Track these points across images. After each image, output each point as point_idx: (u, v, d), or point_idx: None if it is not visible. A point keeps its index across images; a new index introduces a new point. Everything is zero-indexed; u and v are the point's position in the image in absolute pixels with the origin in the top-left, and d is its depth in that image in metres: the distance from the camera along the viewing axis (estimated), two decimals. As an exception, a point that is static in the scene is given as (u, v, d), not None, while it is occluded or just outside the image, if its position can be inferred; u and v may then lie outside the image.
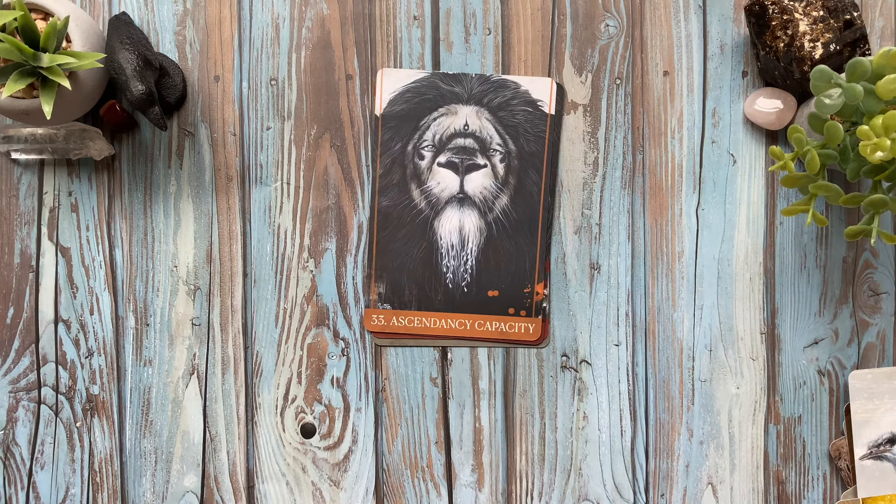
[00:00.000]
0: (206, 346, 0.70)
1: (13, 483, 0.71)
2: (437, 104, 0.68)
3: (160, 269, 0.70)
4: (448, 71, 0.69)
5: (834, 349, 0.69)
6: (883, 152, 0.52)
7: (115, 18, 0.64)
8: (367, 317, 0.68)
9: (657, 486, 0.69)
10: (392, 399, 0.70)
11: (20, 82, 0.56)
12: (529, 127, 0.68)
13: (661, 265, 0.69)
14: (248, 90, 0.69)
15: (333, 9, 0.69)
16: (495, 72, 0.69)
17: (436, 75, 0.68)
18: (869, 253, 0.68)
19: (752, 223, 0.69)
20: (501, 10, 0.69)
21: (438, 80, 0.68)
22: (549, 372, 0.69)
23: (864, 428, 0.66)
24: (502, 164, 0.68)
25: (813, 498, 0.69)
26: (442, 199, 0.68)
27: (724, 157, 0.68)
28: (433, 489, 0.70)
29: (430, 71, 0.68)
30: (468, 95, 0.68)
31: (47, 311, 0.70)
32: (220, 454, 0.70)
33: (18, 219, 0.70)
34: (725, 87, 0.68)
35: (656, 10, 0.68)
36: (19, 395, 0.70)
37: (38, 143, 0.68)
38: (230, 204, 0.69)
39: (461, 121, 0.68)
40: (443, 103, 0.68)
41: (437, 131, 0.68)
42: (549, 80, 0.68)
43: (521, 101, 0.68)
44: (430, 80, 0.68)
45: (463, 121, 0.68)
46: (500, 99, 0.68)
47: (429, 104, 0.68)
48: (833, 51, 0.62)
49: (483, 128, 0.68)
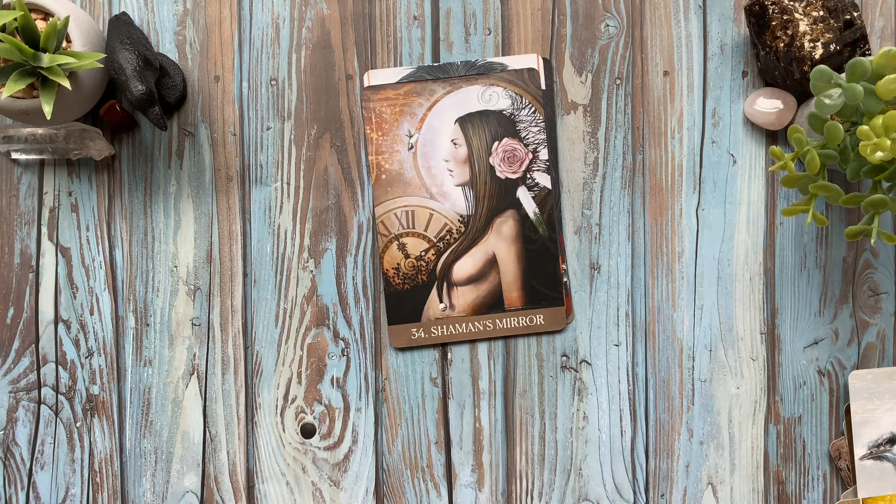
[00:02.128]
0: (206, 346, 0.70)
1: (13, 483, 0.71)
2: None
3: (160, 269, 0.70)
4: (448, 71, 0.69)
5: (834, 349, 0.69)
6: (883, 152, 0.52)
7: (115, 18, 0.64)
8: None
9: (657, 486, 0.69)
10: (392, 399, 0.70)
11: (20, 82, 0.56)
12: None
13: (661, 265, 0.69)
14: (248, 90, 0.69)
15: (333, 9, 0.69)
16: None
17: (421, 69, 0.68)
18: (869, 253, 0.68)
19: (752, 223, 0.69)
20: (501, 10, 0.69)
21: (424, 73, 0.68)
22: (549, 372, 0.69)
23: (864, 428, 0.66)
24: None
25: (813, 498, 0.69)
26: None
27: (724, 157, 0.68)
28: (433, 489, 0.70)
29: (415, 66, 0.68)
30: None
31: (47, 311, 0.70)
32: (220, 454, 0.70)
33: (18, 219, 0.70)
34: (725, 87, 0.68)
35: (656, 10, 0.68)
36: (19, 395, 0.70)
37: (38, 143, 0.68)
38: (230, 204, 0.69)
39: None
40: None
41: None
42: (534, 55, 0.68)
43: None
44: (416, 73, 0.68)
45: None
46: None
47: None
48: (833, 51, 0.62)
49: None
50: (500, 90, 0.68)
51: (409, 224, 0.69)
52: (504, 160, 0.68)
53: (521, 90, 0.68)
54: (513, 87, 0.68)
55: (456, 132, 0.68)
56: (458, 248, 0.69)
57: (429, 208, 0.69)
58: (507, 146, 0.68)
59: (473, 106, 0.68)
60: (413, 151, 0.69)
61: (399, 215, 0.69)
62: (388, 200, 0.69)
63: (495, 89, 0.68)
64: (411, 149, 0.69)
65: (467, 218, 0.69)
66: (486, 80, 0.68)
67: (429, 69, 0.68)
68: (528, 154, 0.68)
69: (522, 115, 0.68)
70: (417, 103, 0.68)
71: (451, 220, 0.69)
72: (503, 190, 0.69)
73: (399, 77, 0.68)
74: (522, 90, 0.68)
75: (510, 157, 0.68)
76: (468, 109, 0.68)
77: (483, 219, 0.69)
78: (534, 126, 0.68)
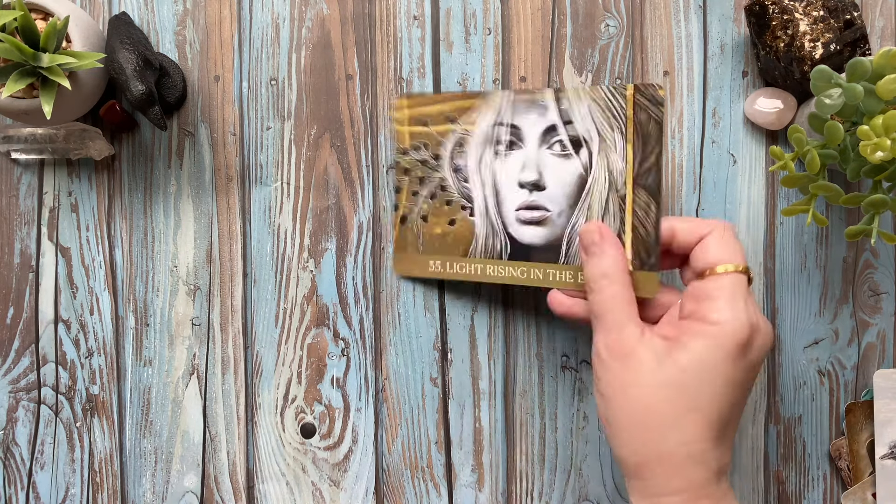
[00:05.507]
0: (206, 346, 0.70)
1: (13, 483, 0.71)
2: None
3: (160, 269, 0.70)
4: (448, 71, 0.69)
5: (834, 349, 0.69)
6: (883, 152, 0.52)
7: (115, 18, 0.64)
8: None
9: (657, 487, 0.69)
10: (392, 399, 0.70)
11: (20, 82, 0.56)
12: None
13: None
14: (248, 90, 0.69)
15: (333, 9, 0.69)
16: (495, 71, 0.69)
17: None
18: (869, 253, 0.68)
19: (752, 223, 0.69)
20: (501, 10, 0.69)
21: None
22: (549, 372, 0.69)
23: (886, 427, 0.66)
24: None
25: (813, 498, 0.69)
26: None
27: (724, 157, 0.68)
28: (433, 489, 0.70)
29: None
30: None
31: (47, 311, 0.70)
32: (220, 454, 0.70)
33: (18, 219, 0.70)
34: (725, 87, 0.68)
35: (656, 10, 0.68)
36: (19, 395, 0.70)
37: (38, 143, 0.68)
38: (230, 204, 0.69)
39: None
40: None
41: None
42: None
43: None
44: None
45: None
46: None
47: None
48: (833, 51, 0.62)
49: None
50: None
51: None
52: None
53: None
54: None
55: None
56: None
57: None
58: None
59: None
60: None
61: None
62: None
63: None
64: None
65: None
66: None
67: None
68: None
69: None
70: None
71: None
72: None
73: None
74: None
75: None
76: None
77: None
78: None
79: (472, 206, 0.64)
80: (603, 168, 0.59)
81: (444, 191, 0.66)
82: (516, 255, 0.63)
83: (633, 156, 0.58)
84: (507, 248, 0.63)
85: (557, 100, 0.61)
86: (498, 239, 0.64)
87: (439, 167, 0.66)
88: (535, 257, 0.62)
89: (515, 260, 0.63)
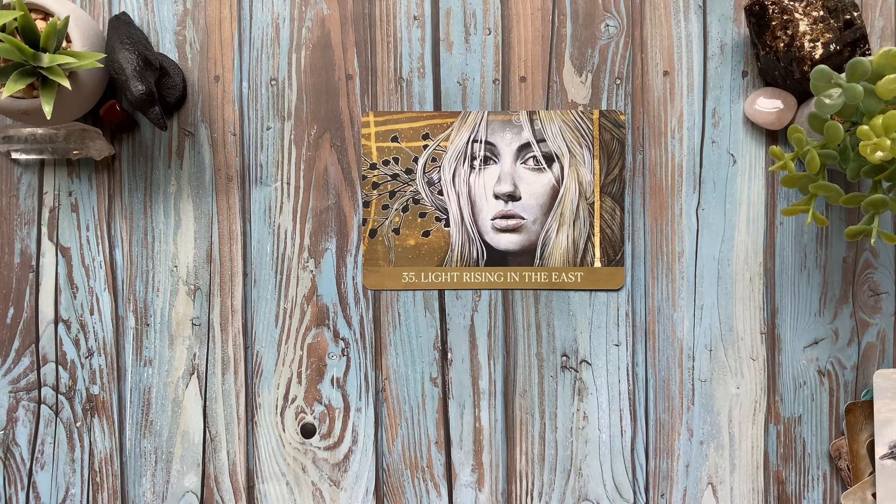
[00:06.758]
0: (206, 346, 0.70)
1: (13, 483, 0.71)
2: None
3: (160, 269, 0.70)
4: (448, 71, 0.69)
5: (834, 349, 0.69)
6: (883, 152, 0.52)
7: (115, 18, 0.64)
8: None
9: (657, 486, 0.69)
10: (392, 399, 0.70)
11: (20, 82, 0.56)
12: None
13: (661, 265, 0.69)
14: (248, 90, 0.69)
15: (333, 9, 0.69)
16: (495, 71, 0.69)
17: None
18: (869, 253, 0.68)
19: (752, 223, 0.69)
20: (501, 10, 0.69)
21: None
22: (549, 372, 0.69)
23: (886, 427, 0.66)
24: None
25: (813, 498, 0.69)
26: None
27: (724, 157, 0.68)
28: (433, 489, 0.70)
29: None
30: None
31: (47, 311, 0.70)
32: (220, 454, 0.70)
33: (18, 219, 0.70)
34: (725, 87, 0.68)
35: (656, 10, 0.68)
36: (19, 395, 0.70)
37: (38, 143, 0.68)
38: (230, 204, 0.69)
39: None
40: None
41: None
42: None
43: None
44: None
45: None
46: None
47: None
48: (833, 51, 0.62)
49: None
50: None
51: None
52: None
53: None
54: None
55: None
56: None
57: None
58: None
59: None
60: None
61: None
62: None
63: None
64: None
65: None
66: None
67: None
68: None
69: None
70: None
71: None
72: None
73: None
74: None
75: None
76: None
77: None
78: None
79: (448, 217, 0.68)
80: (573, 179, 0.67)
81: (416, 203, 0.68)
82: (493, 261, 0.68)
83: (599, 169, 0.67)
84: (484, 254, 0.68)
85: (531, 121, 0.68)
86: (474, 247, 0.68)
87: (412, 181, 0.68)
88: (511, 262, 0.68)
89: (492, 266, 0.68)
